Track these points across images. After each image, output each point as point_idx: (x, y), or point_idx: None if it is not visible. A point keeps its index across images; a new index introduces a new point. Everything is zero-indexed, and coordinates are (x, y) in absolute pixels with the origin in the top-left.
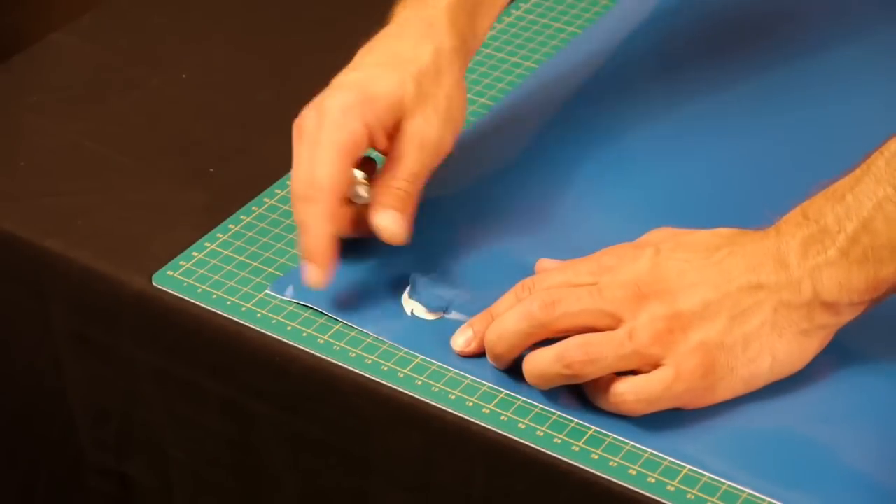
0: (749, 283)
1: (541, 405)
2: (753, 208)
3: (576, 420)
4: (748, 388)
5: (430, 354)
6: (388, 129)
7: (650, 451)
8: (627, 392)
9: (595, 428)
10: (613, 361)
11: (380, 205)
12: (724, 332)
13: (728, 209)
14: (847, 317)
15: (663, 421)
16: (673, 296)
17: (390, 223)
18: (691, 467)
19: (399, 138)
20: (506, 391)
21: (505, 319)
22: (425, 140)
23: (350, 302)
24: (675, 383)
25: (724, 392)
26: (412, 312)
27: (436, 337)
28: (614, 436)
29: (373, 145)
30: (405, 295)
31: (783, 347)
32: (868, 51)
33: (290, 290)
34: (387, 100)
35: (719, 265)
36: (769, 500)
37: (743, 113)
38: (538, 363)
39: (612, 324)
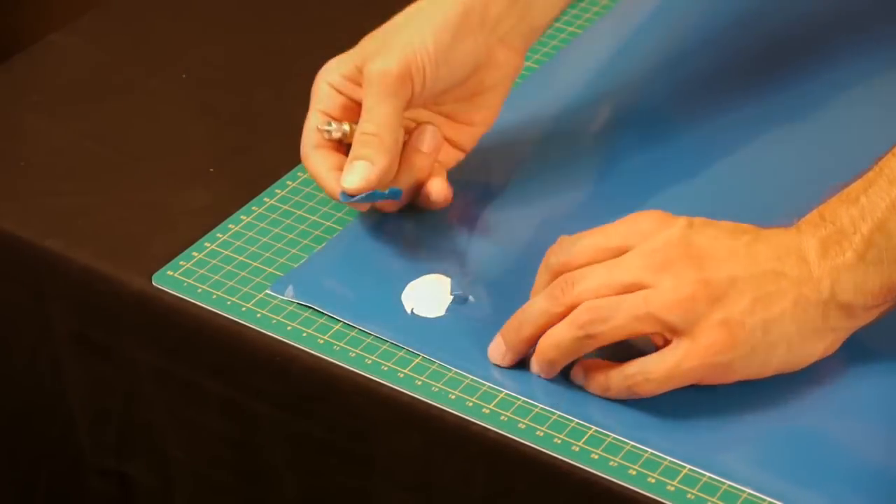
0: (774, 270)
1: (541, 405)
2: (757, 212)
3: (576, 420)
4: (761, 372)
5: (430, 353)
6: None
7: (650, 451)
8: (638, 374)
9: (595, 428)
10: (625, 321)
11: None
12: (747, 311)
13: (730, 213)
14: (859, 321)
15: (664, 421)
16: (701, 263)
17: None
18: (691, 467)
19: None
20: (506, 391)
21: (554, 333)
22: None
23: (350, 301)
24: (690, 358)
25: (740, 371)
26: (412, 311)
27: (436, 335)
28: (614, 436)
29: None
30: (405, 292)
31: (797, 341)
32: (877, 60)
33: (290, 290)
34: None
35: (747, 248)
36: (770, 499)
37: (750, 116)
38: (553, 334)
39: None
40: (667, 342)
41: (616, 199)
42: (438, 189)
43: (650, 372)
